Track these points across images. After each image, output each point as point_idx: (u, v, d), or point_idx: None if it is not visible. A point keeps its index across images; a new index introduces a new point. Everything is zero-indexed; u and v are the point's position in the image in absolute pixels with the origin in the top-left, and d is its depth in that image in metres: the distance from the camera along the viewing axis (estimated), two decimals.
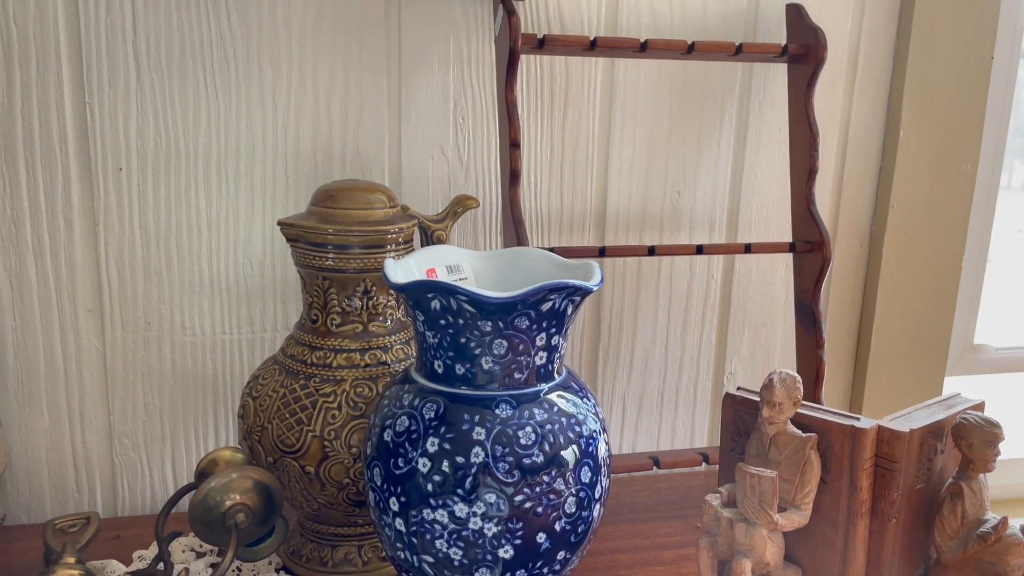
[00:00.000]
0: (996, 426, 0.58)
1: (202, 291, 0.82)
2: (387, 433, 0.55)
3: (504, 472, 0.52)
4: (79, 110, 0.77)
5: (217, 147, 0.80)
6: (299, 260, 0.68)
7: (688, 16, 0.89)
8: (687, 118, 0.92)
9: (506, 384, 0.54)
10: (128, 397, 0.83)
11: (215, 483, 0.59)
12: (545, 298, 0.52)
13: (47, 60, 0.75)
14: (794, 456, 0.58)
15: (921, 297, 1.01)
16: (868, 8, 0.94)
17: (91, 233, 0.79)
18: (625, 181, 0.91)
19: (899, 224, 0.98)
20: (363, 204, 0.67)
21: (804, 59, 0.85)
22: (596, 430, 0.56)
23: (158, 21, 0.77)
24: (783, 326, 1.00)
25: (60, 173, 0.77)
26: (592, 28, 0.87)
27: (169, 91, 0.78)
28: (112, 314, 0.81)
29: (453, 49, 0.84)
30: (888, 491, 0.58)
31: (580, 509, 0.55)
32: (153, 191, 0.80)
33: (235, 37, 0.78)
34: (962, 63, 0.96)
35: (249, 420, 0.67)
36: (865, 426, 0.58)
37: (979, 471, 0.59)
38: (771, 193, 0.96)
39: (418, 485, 0.53)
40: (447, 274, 0.62)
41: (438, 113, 0.85)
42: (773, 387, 0.58)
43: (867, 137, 0.98)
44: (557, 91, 0.87)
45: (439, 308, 0.53)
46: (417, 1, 0.82)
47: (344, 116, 0.83)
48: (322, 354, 0.67)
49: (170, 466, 0.85)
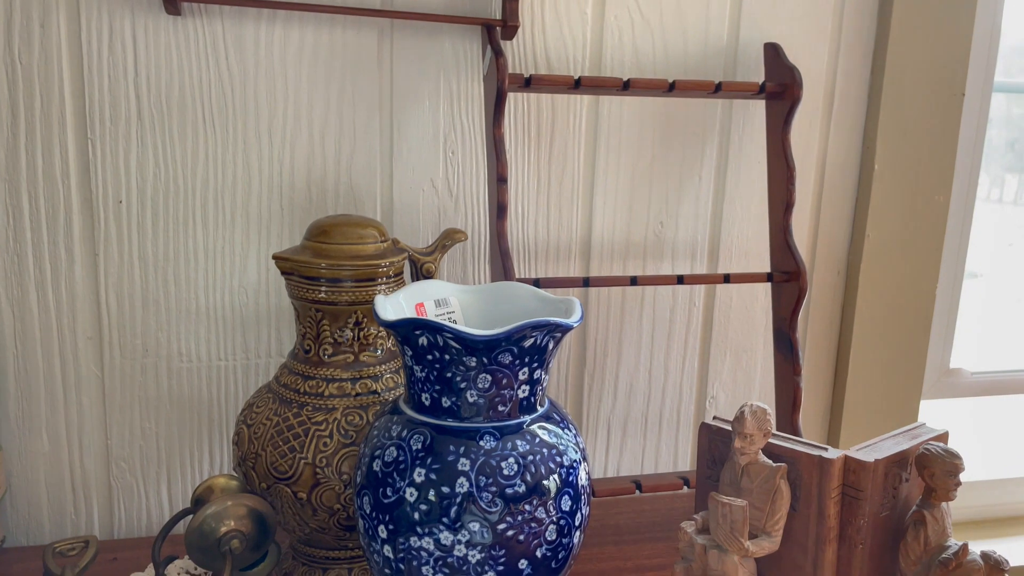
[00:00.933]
0: (957, 457, 0.61)
1: (198, 319, 0.85)
2: (376, 463, 0.58)
3: (487, 502, 0.54)
4: (81, 145, 0.79)
5: (214, 181, 0.83)
6: (293, 292, 0.70)
7: (670, 55, 0.93)
8: (669, 152, 0.95)
9: (490, 416, 0.57)
10: (126, 422, 0.85)
11: (211, 510, 0.61)
12: (527, 335, 0.55)
13: (51, 97, 0.78)
14: (765, 485, 0.61)
15: (897, 324, 1.04)
16: (843, 47, 0.98)
17: (91, 263, 0.82)
18: (609, 212, 0.95)
19: (875, 253, 1.01)
20: (355, 239, 0.70)
21: (781, 96, 0.89)
22: (576, 459, 0.59)
23: (159, 60, 0.80)
24: (763, 352, 1.03)
25: (62, 205, 0.80)
26: (577, 67, 0.90)
27: (169, 127, 0.81)
28: (111, 341, 0.83)
29: (443, 86, 0.87)
30: (855, 518, 0.61)
31: (560, 536, 0.57)
32: (152, 223, 0.82)
33: (233, 76, 0.81)
34: (935, 99, 0.99)
35: (244, 447, 0.70)
36: (832, 456, 0.60)
37: (941, 499, 0.62)
38: (750, 224, 0.99)
39: (405, 513, 0.55)
40: (435, 308, 0.65)
41: (429, 147, 0.88)
42: (744, 419, 0.61)
43: (843, 170, 1.01)
44: (544, 126, 0.91)
45: (426, 344, 0.55)
46: (408, 40, 0.85)
47: (338, 151, 0.85)
48: (314, 383, 0.69)
49: (166, 489, 0.87)
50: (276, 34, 0.82)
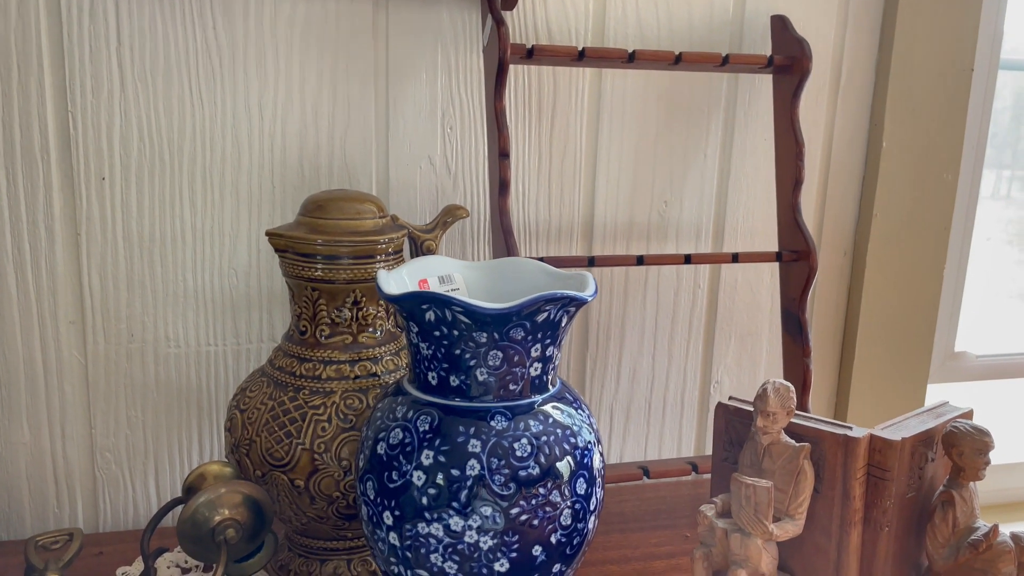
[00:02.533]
0: (986, 434, 0.58)
1: (186, 302, 0.81)
2: (380, 446, 0.54)
3: (500, 485, 0.51)
4: (62, 119, 0.75)
5: (202, 157, 0.79)
6: (287, 271, 0.67)
7: (674, 27, 0.90)
8: (674, 128, 0.92)
9: (501, 396, 0.54)
10: (110, 410, 0.81)
11: (204, 498, 0.58)
12: (540, 309, 0.52)
13: (29, 68, 0.74)
14: (788, 466, 0.58)
15: (904, 305, 1.02)
16: (851, 20, 0.96)
17: (73, 243, 0.78)
18: (613, 191, 0.92)
19: (882, 233, 0.99)
20: (353, 214, 0.67)
21: (789, 70, 0.86)
22: (591, 441, 0.56)
23: (142, 29, 0.76)
24: (768, 335, 1.01)
25: (42, 182, 0.76)
26: (579, 38, 0.87)
27: (153, 100, 0.77)
28: (94, 326, 0.79)
29: (441, 58, 0.84)
30: (880, 500, 0.58)
31: (576, 521, 0.54)
32: (137, 201, 0.78)
33: (221, 45, 0.78)
34: (943, 75, 0.97)
35: (237, 433, 0.66)
36: (858, 435, 0.58)
37: (969, 479, 0.60)
38: (757, 203, 0.96)
39: (412, 498, 0.52)
40: (439, 285, 0.62)
41: (426, 123, 0.84)
42: (767, 397, 0.58)
43: (850, 147, 0.99)
44: (545, 101, 0.87)
45: (434, 319, 0.52)
46: (405, 10, 0.82)
47: (331, 125, 0.82)
48: (311, 366, 0.66)
49: (153, 480, 0.84)
50: (266, 3, 0.78)
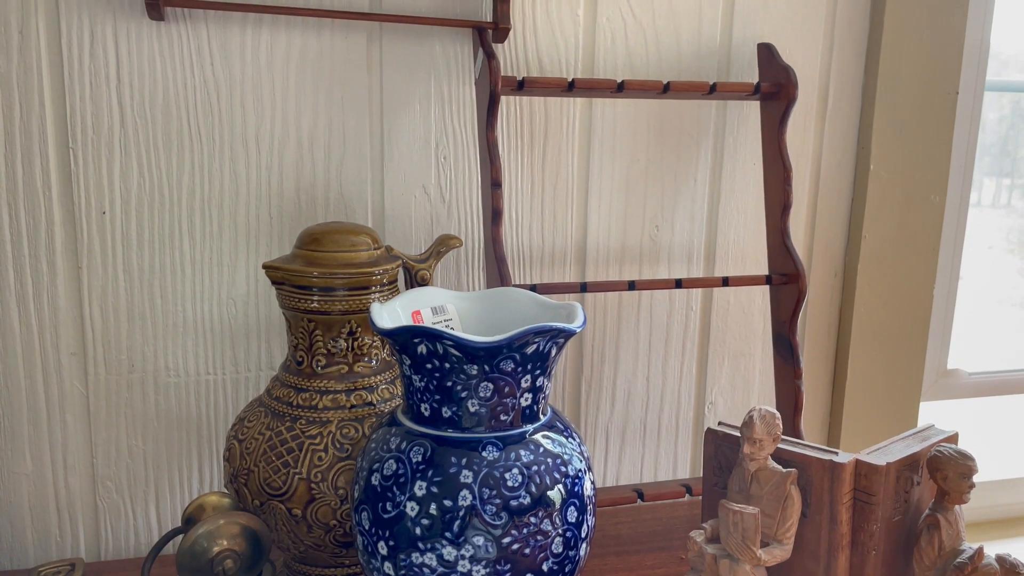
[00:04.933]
0: (970, 458, 0.59)
1: (186, 332, 0.83)
2: (375, 477, 0.56)
3: (492, 515, 0.52)
4: (63, 155, 0.77)
5: (201, 190, 0.81)
6: (284, 303, 0.68)
7: (663, 56, 0.91)
8: (664, 154, 0.94)
9: (492, 426, 0.55)
10: (111, 440, 0.82)
11: (203, 529, 0.59)
12: (529, 341, 0.53)
13: (31, 106, 0.76)
14: (775, 491, 0.60)
15: (895, 325, 1.03)
16: (837, 47, 0.97)
17: (74, 276, 0.79)
18: (604, 216, 0.93)
19: (872, 254, 1.00)
20: (347, 246, 0.68)
21: (776, 97, 0.88)
22: (581, 469, 0.57)
23: (142, 67, 0.77)
24: (761, 356, 1.02)
25: (43, 217, 0.77)
26: (569, 69, 0.89)
27: (153, 136, 0.79)
28: (95, 357, 0.81)
29: (434, 90, 0.85)
30: (867, 524, 0.59)
31: (567, 549, 0.55)
32: (137, 234, 0.80)
33: (219, 82, 0.79)
34: (928, 98, 0.99)
35: (235, 463, 0.67)
36: (843, 460, 0.59)
37: (954, 502, 0.61)
38: (747, 226, 0.98)
39: (406, 529, 0.53)
40: (432, 316, 0.63)
41: (420, 153, 0.86)
42: (753, 424, 0.59)
43: (838, 171, 1.00)
44: (536, 130, 0.89)
45: (426, 352, 0.54)
46: (398, 44, 0.84)
47: (327, 157, 0.84)
48: (308, 396, 0.67)
49: (154, 509, 0.85)
50: (263, 39, 0.80)
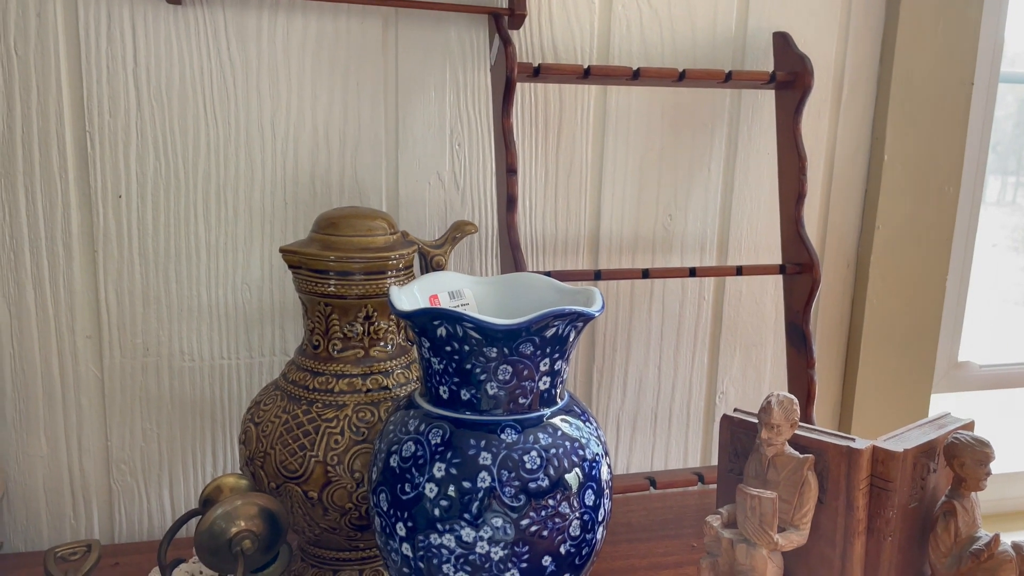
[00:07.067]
0: (987, 445, 0.59)
1: (201, 317, 0.83)
2: (393, 459, 0.56)
3: (510, 496, 0.53)
4: (79, 138, 0.77)
5: (216, 174, 0.81)
6: (301, 287, 0.68)
7: (678, 44, 0.91)
8: (678, 143, 0.94)
9: (510, 409, 0.55)
10: (126, 423, 0.83)
11: (221, 510, 0.59)
12: (549, 324, 0.53)
13: (48, 89, 0.76)
14: (792, 477, 0.60)
15: (907, 316, 1.03)
16: (852, 36, 0.97)
17: (90, 260, 0.79)
18: (618, 205, 0.93)
19: (885, 245, 1.00)
20: (364, 231, 0.68)
21: (791, 86, 0.87)
22: (599, 453, 0.57)
23: (158, 50, 0.78)
24: (773, 346, 1.02)
25: (60, 200, 0.78)
26: (585, 56, 0.89)
27: (169, 119, 0.79)
28: (111, 340, 0.81)
29: (449, 76, 0.85)
30: (884, 510, 0.60)
31: (584, 532, 0.55)
32: (152, 218, 0.80)
33: (235, 66, 0.80)
34: (943, 89, 0.98)
35: (251, 446, 0.68)
36: (861, 447, 0.59)
37: (971, 489, 0.61)
38: (760, 216, 0.98)
39: (425, 510, 0.53)
40: (449, 300, 0.63)
41: (435, 139, 0.86)
42: (771, 409, 0.59)
43: (853, 161, 1.00)
44: (551, 117, 0.89)
45: (445, 335, 0.54)
46: (414, 29, 0.84)
47: (342, 143, 0.84)
48: (324, 379, 0.68)
49: (168, 492, 0.85)
50: (279, 23, 0.80)
